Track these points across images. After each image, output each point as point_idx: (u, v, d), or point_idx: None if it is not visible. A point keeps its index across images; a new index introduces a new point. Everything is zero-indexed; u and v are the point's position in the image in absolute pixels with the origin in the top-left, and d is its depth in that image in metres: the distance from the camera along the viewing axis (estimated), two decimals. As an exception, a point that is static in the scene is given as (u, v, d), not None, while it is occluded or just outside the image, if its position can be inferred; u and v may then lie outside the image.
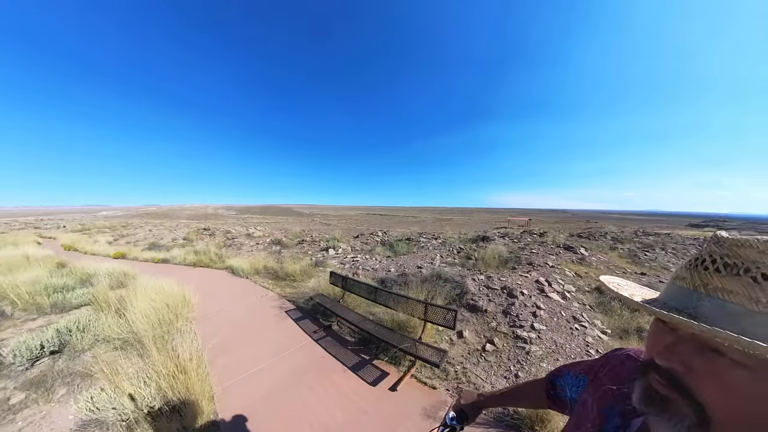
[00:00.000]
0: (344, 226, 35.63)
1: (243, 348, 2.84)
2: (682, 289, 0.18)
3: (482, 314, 3.60)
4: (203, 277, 6.00)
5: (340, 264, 6.65)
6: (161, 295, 3.60)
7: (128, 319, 2.95)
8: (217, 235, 13.91)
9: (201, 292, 4.68)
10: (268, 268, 6.30)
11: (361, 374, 2.40)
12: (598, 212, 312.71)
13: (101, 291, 4.65)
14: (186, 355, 2.23)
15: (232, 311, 3.89)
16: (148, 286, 4.25)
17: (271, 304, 4.19)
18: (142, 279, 5.28)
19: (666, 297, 0.21)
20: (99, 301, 4.29)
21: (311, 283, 5.32)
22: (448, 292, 4.02)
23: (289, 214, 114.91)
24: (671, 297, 0.20)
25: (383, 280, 5.00)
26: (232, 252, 9.51)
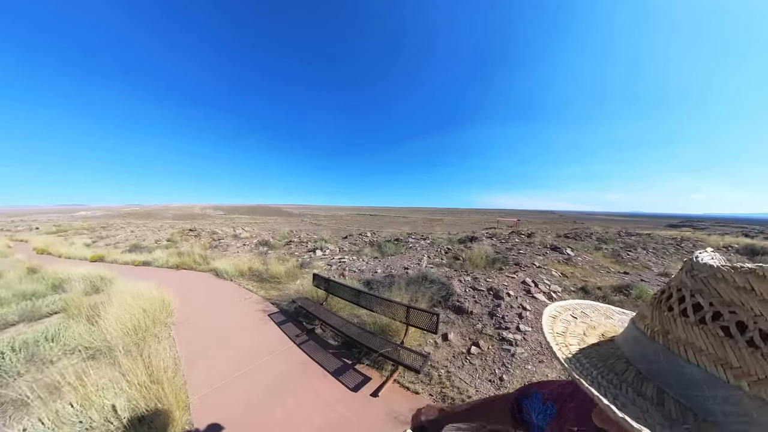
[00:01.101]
0: (334, 226, 35.37)
1: (223, 353, 2.77)
2: (639, 333, 0.15)
3: (468, 316, 3.60)
4: (185, 280, 5.84)
5: (327, 265, 6.60)
6: (138, 299, 3.47)
7: (101, 326, 2.83)
8: (202, 236, 13.55)
9: (182, 295, 4.54)
10: (254, 270, 6.18)
11: (342, 380, 2.38)
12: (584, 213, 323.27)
13: (74, 297, 4.44)
14: (161, 364, 2.16)
15: (214, 315, 3.80)
16: (125, 290, 4.09)
17: (254, 307, 4.11)
18: (119, 283, 5.08)
19: (623, 340, 0.18)
20: (72, 307, 4.11)
21: (296, 285, 5.25)
22: (434, 294, 4.01)
23: (279, 214, 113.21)
24: (626, 341, 0.16)
25: (369, 281, 4.98)
26: (218, 253, 9.28)
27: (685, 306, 0.11)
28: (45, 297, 4.57)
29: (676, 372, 0.10)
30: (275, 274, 5.43)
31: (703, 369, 0.08)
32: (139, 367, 2.10)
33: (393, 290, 4.61)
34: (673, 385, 0.09)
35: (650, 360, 0.12)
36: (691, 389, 0.08)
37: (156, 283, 5.37)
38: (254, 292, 4.85)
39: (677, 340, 0.10)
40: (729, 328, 0.08)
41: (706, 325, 0.09)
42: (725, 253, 9.09)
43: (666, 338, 0.11)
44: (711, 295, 0.10)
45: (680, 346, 0.10)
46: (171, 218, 63.20)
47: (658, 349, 0.11)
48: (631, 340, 0.16)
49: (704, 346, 0.08)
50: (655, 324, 0.13)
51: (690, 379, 0.09)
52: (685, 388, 0.09)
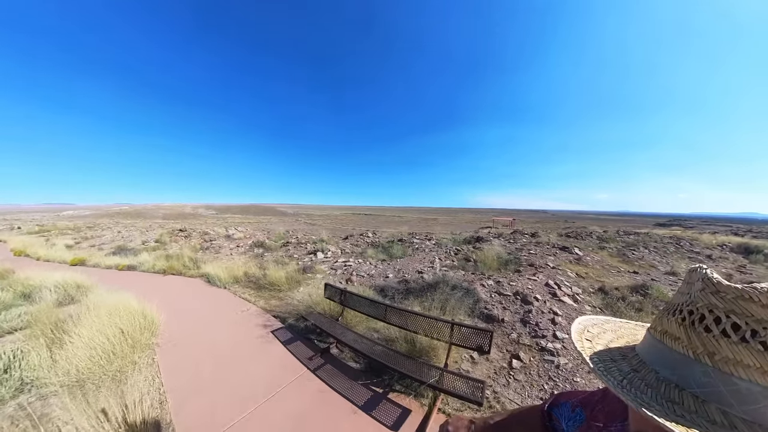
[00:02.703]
0: (330, 226, 34.75)
1: (220, 387, 2.27)
2: (678, 355, 0.14)
3: (500, 325, 3.32)
4: (173, 288, 5.28)
5: (330, 269, 6.13)
6: (116, 315, 2.94)
7: (68, 353, 2.32)
8: (193, 237, 12.86)
9: (169, 307, 4.01)
10: (250, 275, 5.65)
11: (376, 414, 1.92)
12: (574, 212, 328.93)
13: (43, 310, 3.88)
14: (139, 405, 1.68)
15: (206, 333, 3.27)
16: (103, 302, 3.55)
17: (254, 321, 3.61)
18: (98, 292, 4.52)
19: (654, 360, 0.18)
20: (38, 323, 3.56)
21: (299, 293, 4.76)
22: (460, 302, 3.65)
23: (272, 213, 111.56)
24: (660, 360, 0.16)
25: (383, 288, 4.54)
26: (210, 256, 8.69)
27: (724, 327, 0.11)
28: (9, 309, 3.99)
29: (733, 391, 0.10)
30: (275, 281, 4.91)
31: (755, 383, 0.09)
32: (113, 411, 1.63)
33: (411, 299, 4.19)
34: (733, 404, 0.10)
35: (703, 383, 0.12)
36: (750, 404, 0.09)
37: (140, 292, 4.82)
38: (252, 302, 4.33)
39: (726, 360, 0.11)
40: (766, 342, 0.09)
41: (748, 343, 0.10)
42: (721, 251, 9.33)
43: (713, 359, 0.11)
44: (744, 314, 0.11)
45: (730, 365, 0.10)
46: (161, 218, 61.51)
47: (709, 371, 0.11)
48: (672, 362, 0.15)
49: (752, 363, 0.09)
50: (696, 346, 0.13)
51: (747, 395, 0.09)
52: (745, 404, 0.09)
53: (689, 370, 0.13)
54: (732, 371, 0.10)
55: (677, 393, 0.12)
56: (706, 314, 0.13)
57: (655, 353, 0.18)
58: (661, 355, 0.16)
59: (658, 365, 0.16)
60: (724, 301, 0.12)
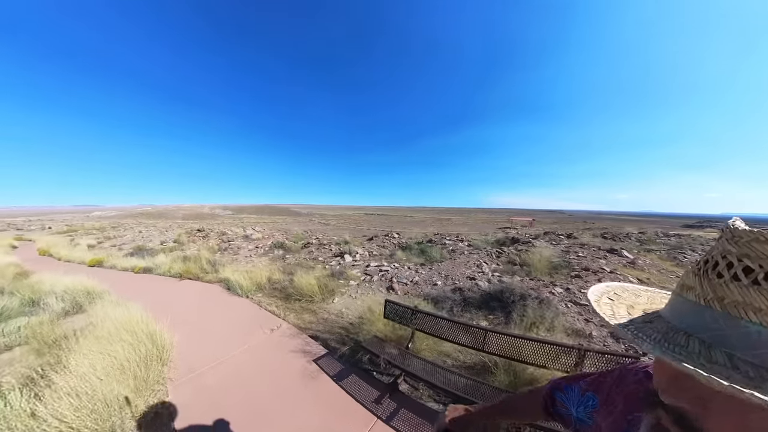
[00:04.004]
0: (345, 226, 34.29)
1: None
2: (691, 304, 0.14)
3: (588, 340, 2.80)
4: (190, 296, 4.66)
5: (364, 274, 5.38)
6: (117, 342, 2.29)
7: (51, 402, 1.66)
8: (211, 237, 12.53)
9: (184, 323, 3.36)
10: (274, 281, 4.99)
11: None
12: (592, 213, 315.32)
13: (45, 323, 3.33)
14: None
15: (232, 363, 2.53)
16: (110, 316, 2.96)
17: (289, 344, 2.87)
18: (107, 300, 3.97)
19: (672, 314, 0.17)
20: (37, 339, 3.01)
21: (335, 305, 4.04)
22: (539, 316, 2.95)
23: (287, 213, 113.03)
24: (678, 314, 0.16)
25: (436, 298, 3.76)
26: (228, 257, 8.18)
27: (735, 271, 0.11)
28: (9, 321, 3.48)
29: (741, 334, 0.09)
30: (304, 289, 4.19)
31: (765, 327, 0.08)
32: None
33: (472, 311, 3.48)
34: (739, 347, 0.09)
35: (712, 328, 0.11)
36: (761, 348, 0.08)
37: (153, 300, 4.23)
38: (281, 316, 3.61)
39: (735, 304, 0.10)
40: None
41: (760, 286, 0.09)
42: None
43: (722, 304, 0.11)
44: (758, 257, 0.10)
45: (739, 308, 0.10)
46: (180, 218, 63.25)
47: (717, 316, 0.11)
48: (685, 312, 0.15)
49: (763, 305, 0.09)
50: (707, 292, 0.13)
51: (757, 339, 0.09)
52: (754, 348, 0.09)
53: (699, 316, 0.13)
54: (741, 315, 0.10)
55: (684, 338, 0.12)
56: (720, 260, 0.13)
57: (671, 306, 0.18)
58: (677, 307, 0.16)
59: (672, 317, 0.16)
60: (738, 246, 0.12)
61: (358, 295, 4.48)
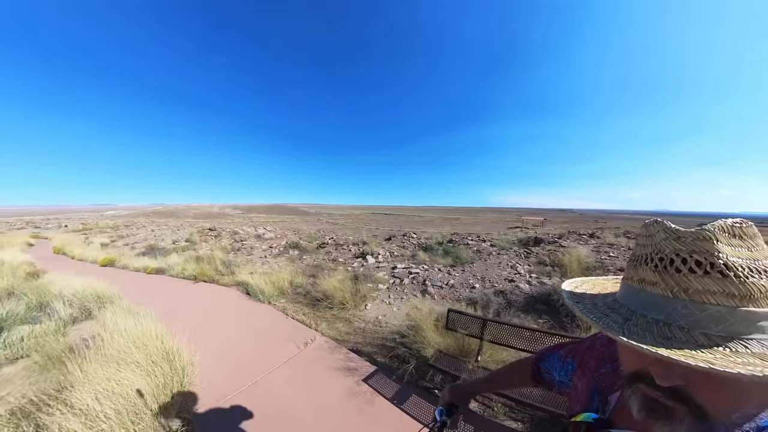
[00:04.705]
0: (354, 225, 33.93)
1: None
2: (658, 297, 0.17)
3: None
4: (207, 302, 4.27)
5: (392, 277, 4.91)
6: (129, 366, 1.88)
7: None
8: (223, 237, 12.27)
9: (205, 334, 2.95)
10: (297, 285, 4.57)
11: None
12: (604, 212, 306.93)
13: (51, 332, 2.99)
14: None
15: (267, 385, 2.06)
16: (120, 327, 2.57)
17: (328, 361, 2.42)
18: (118, 306, 3.61)
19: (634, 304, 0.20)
20: (41, 352, 2.66)
21: (370, 311, 3.59)
22: None
23: (295, 213, 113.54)
24: (643, 304, 0.18)
25: (478, 302, 3.33)
26: (242, 258, 7.83)
27: (690, 265, 0.14)
28: (12, 329, 3.14)
29: (708, 315, 0.12)
30: (334, 295, 3.75)
31: (723, 305, 0.12)
32: None
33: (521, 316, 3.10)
34: (711, 326, 0.12)
35: (685, 314, 0.14)
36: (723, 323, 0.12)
37: (167, 306, 3.85)
38: (312, 326, 3.16)
39: (698, 292, 0.13)
40: (723, 271, 0.12)
41: (709, 274, 0.13)
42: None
43: (688, 293, 0.14)
44: (702, 252, 0.13)
45: (701, 295, 0.13)
46: (191, 217, 64.09)
47: (687, 304, 0.14)
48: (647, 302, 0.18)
49: (716, 289, 0.12)
50: (672, 286, 0.15)
51: (719, 317, 0.12)
52: (719, 324, 0.12)
53: (672, 307, 0.15)
54: (704, 299, 0.13)
55: (667, 329, 0.14)
56: (674, 258, 0.15)
57: (639, 300, 0.19)
58: (645, 300, 0.18)
59: (645, 310, 0.18)
60: (686, 244, 0.15)
61: (391, 300, 4.02)
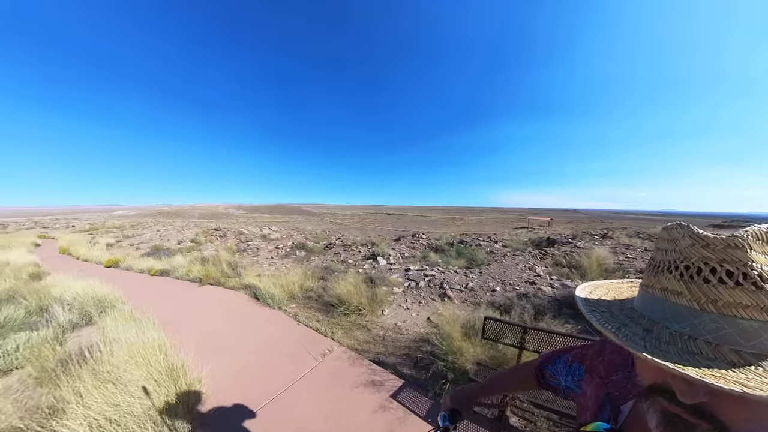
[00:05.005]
0: (358, 225, 33.74)
1: None
2: (683, 308, 0.15)
3: None
4: (213, 307, 4.04)
5: (407, 280, 4.65)
6: (128, 387, 1.65)
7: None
8: (228, 237, 12.11)
9: (212, 344, 2.70)
10: (307, 289, 4.34)
11: None
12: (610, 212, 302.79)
13: (49, 339, 2.78)
14: None
15: (285, 404, 1.81)
16: (121, 337, 2.35)
17: (350, 375, 2.14)
18: (120, 311, 3.39)
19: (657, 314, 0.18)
20: (41, 361, 2.46)
21: (388, 317, 3.34)
22: None
23: (299, 213, 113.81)
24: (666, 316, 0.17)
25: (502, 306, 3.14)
26: (248, 259, 7.64)
27: (720, 275, 0.13)
28: (9, 336, 2.95)
29: (739, 330, 0.11)
30: (348, 300, 3.50)
31: (756, 320, 0.11)
32: None
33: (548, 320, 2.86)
34: (742, 342, 0.11)
35: (713, 329, 0.13)
36: (755, 339, 0.11)
37: (172, 312, 3.62)
38: (328, 335, 2.91)
39: (728, 305, 0.12)
40: (756, 282, 0.11)
41: (742, 286, 0.11)
42: None
43: (717, 306, 0.12)
44: (734, 261, 0.12)
45: (732, 308, 0.12)
46: (197, 217, 64.40)
47: (716, 318, 0.13)
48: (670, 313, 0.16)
49: (749, 302, 0.11)
50: (700, 297, 0.14)
51: (751, 332, 0.11)
52: (751, 340, 0.11)
53: (698, 320, 0.14)
54: (734, 313, 0.11)
55: (693, 343, 0.13)
56: (702, 267, 0.14)
57: (661, 310, 0.18)
58: (668, 311, 0.17)
59: (668, 321, 0.16)
60: (715, 252, 0.13)
61: (409, 305, 3.77)
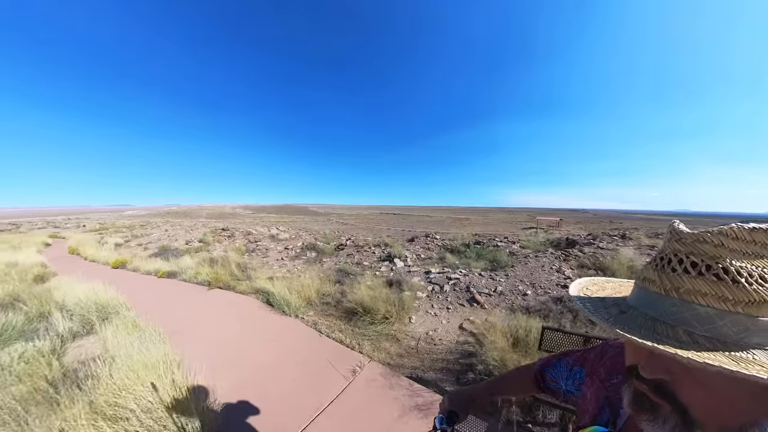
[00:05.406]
0: (365, 226, 33.43)
1: None
2: (653, 294, 0.17)
3: None
4: (224, 314, 3.71)
5: (429, 283, 4.27)
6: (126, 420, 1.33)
7: None
8: (236, 237, 11.91)
9: (225, 359, 2.37)
10: (324, 294, 4.01)
11: None
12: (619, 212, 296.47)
13: (45, 352, 2.51)
14: None
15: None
16: (122, 353, 2.05)
17: (389, 396, 1.77)
18: (123, 318, 3.11)
19: (637, 302, 0.20)
20: (34, 378, 2.17)
21: (416, 325, 2.99)
22: None
23: (305, 213, 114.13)
24: (642, 302, 0.19)
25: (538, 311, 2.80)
26: (257, 260, 7.37)
27: (685, 265, 0.15)
28: (5, 346, 2.69)
29: (695, 315, 0.13)
30: (373, 307, 3.13)
31: (712, 307, 0.12)
32: None
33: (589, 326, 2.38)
34: (696, 325, 0.13)
35: (672, 312, 0.14)
36: (709, 324, 0.12)
37: (180, 321, 3.32)
38: (353, 346, 2.56)
39: (688, 292, 0.13)
40: (719, 274, 0.12)
41: (704, 276, 0.13)
42: None
43: (679, 292, 0.14)
44: (700, 254, 0.14)
45: (691, 295, 0.13)
46: (204, 217, 65.00)
47: (676, 302, 0.14)
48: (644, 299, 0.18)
49: (708, 291, 0.12)
50: (666, 284, 0.15)
51: (706, 317, 0.12)
52: (705, 324, 0.12)
53: (662, 303, 0.16)
54: (693, 300, 0.13)
55: (652, 323, 0.15)
56: (672, 258, 0.16)
57: (639, 298, 0.20)
58: (643, 297, 0.19)
59: (642, 306, 0.18)
60: (685, 245, 0.15)
61: (436, 311, 3.41)
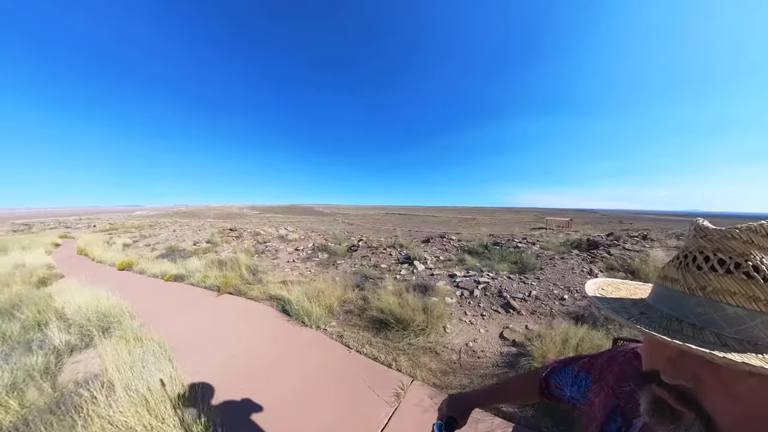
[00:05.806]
0: (372, 226, 33.09)
1: None
2: (677, 293, 0.16)
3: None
4: (237, 324, 3.32)
5: (456, 288, 3.86)
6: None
7: None
8: (245, 238, 11.65)
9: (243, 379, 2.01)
10: (345, 301, 3.64)
11: None
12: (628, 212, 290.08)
13: (38, 368, 2.19)
14: None
15: None
16: (122, 377, 1.72)
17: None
18: (126, 329, 2.79)
19: (659, 302, 0.19)
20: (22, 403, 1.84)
21: (452, 335, 2.58)
22: None
23: (311, 213, 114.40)
24: (665, 303, 0.18)
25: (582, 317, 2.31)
26: (267, 262, 7.05)
27: (712, 263, 0.14)
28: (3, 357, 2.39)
29: (723, 316, 0.12)
30: (404, 316, 2.73)
31: (742, 307, 0.11)
32: None
33: None
34: (724, 327, 0.12)
35: (699, 312, 0.13)
36: (739, 325, 0.11)
37: (188, 333, 2.98)
38: (389, 363, 2.16)
39: (716, 291, 0.13)
40: (749, 272, 0.11)
41: (732, 274, 0.12)
42: None
43: (705, 291, 0.13)
44: (728, 251, 0.13)
45: (719, 294, 0.12)
46: (212, 217, 65.47)
47: (702, 302, 0.13)
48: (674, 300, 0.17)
49: (737, 290, 0.11)
50: (690, 283, 0.15)
51: (735, 318, 0.11)
52: (734, 326, 0.11)
53: (686, 303, 0.15)
54: (721, 299, 0.12)
55: (677, 323, 0.14)
56: (697, 255, 0.15)
57: (659, 297, 0.19)
58: (664, 296, 0.18)
59: (662, 306, 0.17)
60: (711, 242, 0.14)
61: (470, 318, 3.02)
